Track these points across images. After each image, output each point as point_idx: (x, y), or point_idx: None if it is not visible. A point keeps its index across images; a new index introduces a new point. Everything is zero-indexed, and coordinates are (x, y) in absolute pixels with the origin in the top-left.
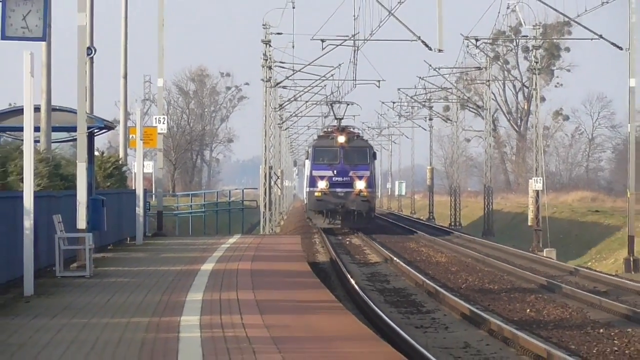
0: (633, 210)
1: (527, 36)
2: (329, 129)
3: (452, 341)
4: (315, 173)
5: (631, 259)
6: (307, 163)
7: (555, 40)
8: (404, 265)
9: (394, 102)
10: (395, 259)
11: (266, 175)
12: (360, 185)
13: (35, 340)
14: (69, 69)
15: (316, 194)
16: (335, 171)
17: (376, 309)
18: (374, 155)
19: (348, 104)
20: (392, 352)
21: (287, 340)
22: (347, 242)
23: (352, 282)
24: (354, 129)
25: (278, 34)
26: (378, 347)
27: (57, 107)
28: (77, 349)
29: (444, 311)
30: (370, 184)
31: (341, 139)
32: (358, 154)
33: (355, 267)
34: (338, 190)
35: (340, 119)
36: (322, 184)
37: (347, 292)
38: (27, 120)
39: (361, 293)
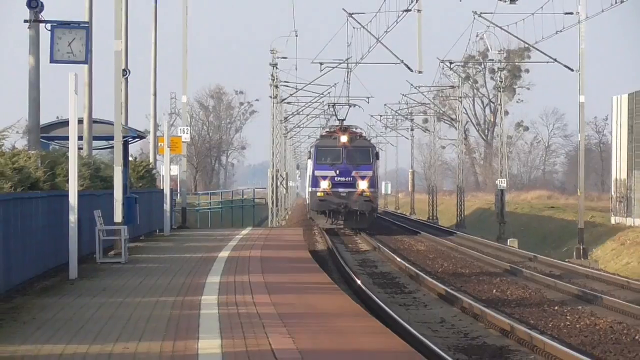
0: (582, 206)
1: (493, 60)
2: (332, 129)
3: (430, 317)
4: (317, 173)
5: (581, 248)
6: (309, 163)
7: (517, 63)
8: (389, 252)
9: (381, 116)
10: (382, 247)
11: (273, 177)
12: (363, 185)
13: (79, 316)
14: (108, 86)
15: (318, 194)
16: (337, 171)
17: (366, 290)
18: (376, 155)
19: (350, 106)
20: (379, 327)
21: (291, 316)
22: (342, 233)
23: (347, 268)
24: (356, 128)
25: (283, 58)
26: (368, 322)
27: (97, 120)
28: (114, 324)
29: (423, 292)
30: (373, 184)
31: (344, 138)
32: (361, 153)
33: (349, 254)
34: (340, 190)
35: (343, 120)
36: (324, 184)
37: (342, 275)
38: (72, 130)
39: (354, 277)
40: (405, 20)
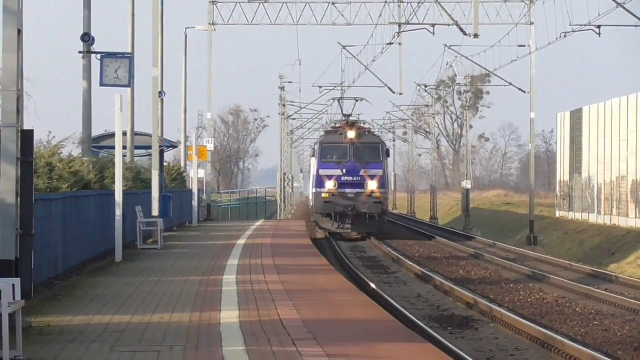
0: (533, 202)
1: (460, 83)
2: (337, 124)
3: (409, 292)
4: (322, 172)
5: (531, 236)
6: (313, 161)
7: (479, 86)
8: (375, 240)
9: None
10: (371, 237)
11: (281, 179)
12: (372, 185)
13: (124, 292)
14: (147, 105)
15: (323, 195)
16: (344, 170)
17: (357, 270)
18: (386, 153)
19: (357, 100)
20: (368, 300)
21: (296, 291)
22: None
23: (341, 253)
24: (364, 123)
25: (289, 82)
26: (358, 296)
27: (138, 132)
28: (152, 298)
29: (403, 272)
30: (383, 183)
31: (351, 134)
32: (369, 150)
33: (343, 242)
34: (347, 190)
35: (349, 115)
36: (329, 184)
37: (337, 258)
38: (117, 141)
39: (346, 260)
40: (388, 51)
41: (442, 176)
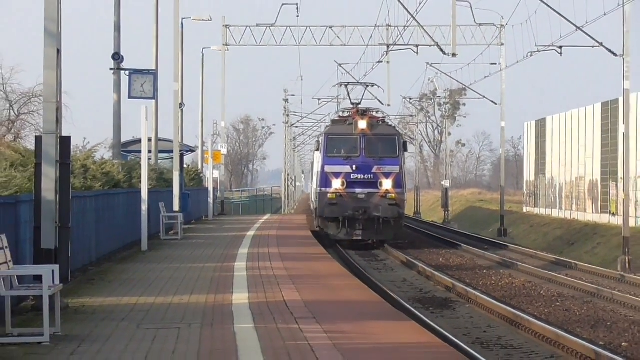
0: (504, 199)
1: (440, 96)
2: (345, 113)
3: (396, 277)
4: (328, 169)
5: (502, 229)
6: (317, 156)
7: (457, 99)
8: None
9: None
10: None
11: (285, 179)
12: (387, 184)
13: (148, 277)
14: (169, 115)
15: (329, 196)
16: (354, 166)
17: (350, 258)
18: (404, 146)
19: (367, 86)
20: (359, 284)
21: (298, 277)
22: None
23: (338, 246)
24: (377, 112)
25: (292, 95)
26: (351, 280)
27: (162, 138)
28: (173, 282)
29: (391, 259)
30: (400, 183)
31: (362, 124)
32: (384, 143)
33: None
34: (358, 191)
35: (358, 103)
36: (337, 183)
37: (333, 248)
38: (144, 146)
39: (341, 249)
40: (378, 68)
41: (425, 177)
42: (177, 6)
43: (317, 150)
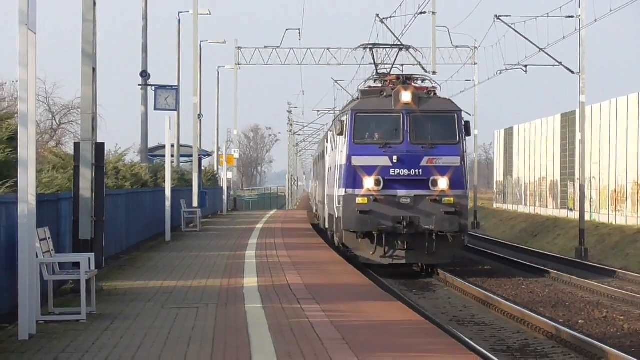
0: (476, 197)
1: None
2: (378, 81)
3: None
4: (356, 161)
5: (476, 222)
6: (340, 141)
7: None
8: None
9: None
10: None
11: (289, 180)
12: (443, 183)
13: (172, 263)
14: (189, 123)
15: (359, 200)
16: (395, 157)
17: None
18: (466, 128)
19: (401, 48)
20: (353, 270)
21: (300, 263)
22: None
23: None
24: (423, 81)
25: (295, 107)
26: (345, 266)
27: (183, 144)
28: (192, 268)
29: None
30: (460, 181)
31: (406, 96)
32: (439, 124)
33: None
34: (401, 193)
35: (389, 70)
36: (369, 182)
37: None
38: (167, 151)
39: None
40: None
41: None
42: (196, 31)
43: (340, 134)
